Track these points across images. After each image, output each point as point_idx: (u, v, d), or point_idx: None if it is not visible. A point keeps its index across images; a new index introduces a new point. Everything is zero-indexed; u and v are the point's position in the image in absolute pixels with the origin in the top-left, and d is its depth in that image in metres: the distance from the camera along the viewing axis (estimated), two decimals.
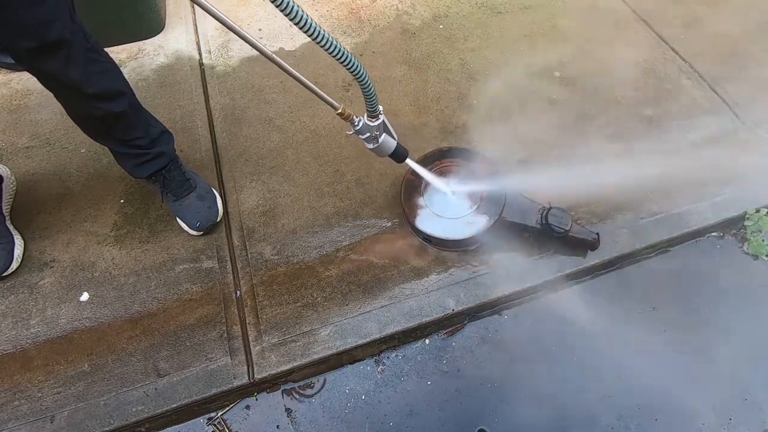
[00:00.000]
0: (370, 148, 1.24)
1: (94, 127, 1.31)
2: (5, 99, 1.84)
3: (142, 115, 1.36)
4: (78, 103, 1.21)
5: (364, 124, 1.17)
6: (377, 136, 1.21)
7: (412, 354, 1.39)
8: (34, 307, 1.37)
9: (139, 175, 1.43)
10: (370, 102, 1.10)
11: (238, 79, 1.92)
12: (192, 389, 1.25)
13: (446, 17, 2.18)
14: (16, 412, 1.21)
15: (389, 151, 1.28)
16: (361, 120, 1.16)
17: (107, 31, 1.94)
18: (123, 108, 1.25)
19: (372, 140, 1.21)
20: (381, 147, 1.23)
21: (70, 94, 1.18)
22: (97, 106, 1.20)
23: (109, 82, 1.21)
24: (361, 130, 1.18)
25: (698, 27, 2.14)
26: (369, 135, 1.20)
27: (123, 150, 1.37)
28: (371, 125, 1.17)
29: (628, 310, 1.47)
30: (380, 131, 1.20)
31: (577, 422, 1.30)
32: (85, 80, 1.13)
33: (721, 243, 1.60)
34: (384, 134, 1.22)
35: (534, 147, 1.71)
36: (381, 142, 1.22)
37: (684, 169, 1.66)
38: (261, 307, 1.37)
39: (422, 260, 1.46)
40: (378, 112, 1.15)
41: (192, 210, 1.46)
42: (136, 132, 1.34)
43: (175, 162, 1.48)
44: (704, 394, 1.35)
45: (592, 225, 1.51)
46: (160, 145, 1.41)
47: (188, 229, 1.48)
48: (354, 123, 1.16)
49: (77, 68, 1.10)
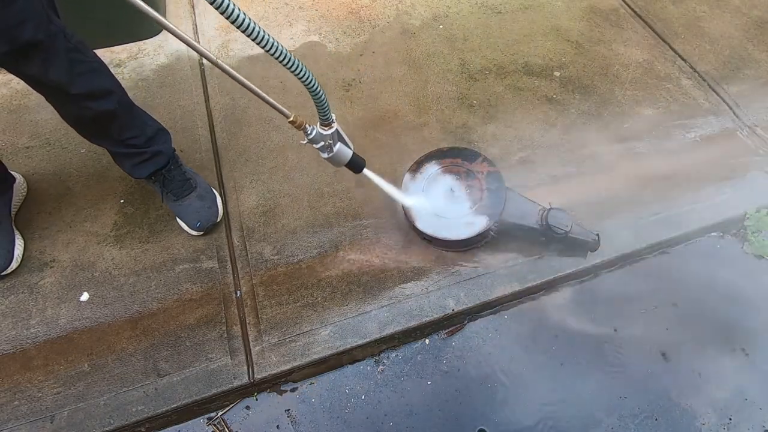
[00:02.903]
0: (325, 157, 1.20)
1: (88, 128, 1.31)
2: (5, 99, 1.84)
3: (136, 113, 1.36)
4: (66, 103, 1.20)
5: (318, 133, 1.13)
6: (331, 146, 1.17)
7: (412, 354, 1.39)
8: (34, 307, 1.37)
9: (139, 175, 1.43)
10: (323, 110, 1.07)
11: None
12: (192, 389, 1.25)
13: (446, 17, 2.18)
14: (16, 412, 1.21)
15: (345, 161, 1.24)
16: (315, 129, 1.13)
17: (107, 31, 1.95)
18: (112, 107, 1.24)
19: (326, 149, 1.18)
20: (336, 156, 1.20)
21: (55, 95, 1.18)
22: (85, 105, 1.19)
23: (95, 81, 1.20)
24: (315, 139, 1.14)
25: (698, 27, 2.14)
26: (323, 144, 1.16)
27: (120, 150, 1.37)
28: (324, 134, 1.14)
29: (629, 310, 1.47)
30: (334, 140, 1.17)
31: (577, 422, 1.30)
32: (69, 81, 1.12)
33: (721, 243, 1.60)
34: (339, 143, 1.19)
35: (534, 147, 1.71)
36: (336, 151, 1.19)
37: (684, 169, 1.66)
38: (261, 307, 1.37)
39: (422, 260, 1.46)
40: (331, 120, 1.12)
41: (192, 210, 1.46)
42: (131, 131, 1.33)
43: (176, 162, 1.48)
44: (704, 394, 1.35)
45: (592, 225, 1.50)
46: (156, 144, 1.40)
47: (188, 229, 1.48)
48: (307, 132, 1.13)
49: (58, 69, 1.09)
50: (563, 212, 1.39)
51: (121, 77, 1.91)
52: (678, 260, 1.56)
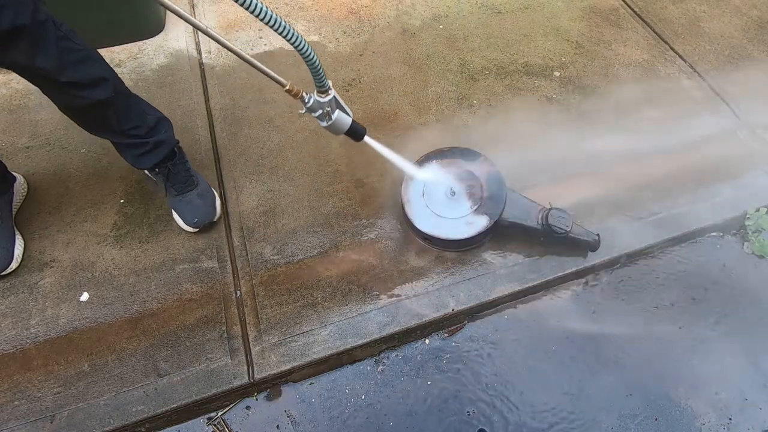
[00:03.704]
0: (325, 126, 1.19)
1: (86, 119, 1.31)
2: (5, 99, 1.84)
3: (134, 102, 1.36)
4: (57, 92, 1.20)
5: (315, 101, 1.12)
6: (330, 113, 1.16)
7: (412, 354, 1.39)
8: (34, 307, 1.37)
9: (143, 166, 1.43)
10: (318, 76, 1.06)
11: (238, 79, 1.91)
12: (192, 389, 1.25)
13: (446, 17, 2.18)
14: (16, 412, 1.21)
15: (345, 129, 1.23)
16: (312, 97, 1.12)
17: (107, 31, 1.95)
18: (108, 95, 1.23)
19: (325, 117, 1.17)
20: (335, 124, 1.19)
21: (47, 84, 1.17)
22: (79, 94, 1.19)
23: (87, 69, 1.19)
24: (313, 107, 1.13)
25: (698, 27, 2.14)
26: (321, 112, 1.15)
27: (122, 141, 1.37)
28: (322, 101, 1.13)
29: (629, 310, 1.47)
30: (332, 108, 1.16)
31: (578, 422, 1.30)
32: (57, 69, 1.11)
33: (722, 243, 1.60)
34: (337, 111, 1.17)
35: (534, 147, 1.70)
36: (335, 119, 1.17)
37: (684, 168, 1.66)
38: (261, 307, 1.37)
39: (422, 260, 1.46)
40: (327, 87, 1.11)
41: (192, 207, 1.46)
42: (132, 121, 1.33)
43: (182, 156, 1.49)
44: (704, 394, 1.35)
45: (592, 225, 1.50)
46: (158, 134, 1.40)
47: (184, 225, 1.48)
48: (305, 100, 1.12)
49: (46, 57, 1.08)
50: (563, 212, 1.39)
51: (121, 77, 1.89)
52: (678, 260, 1.56)
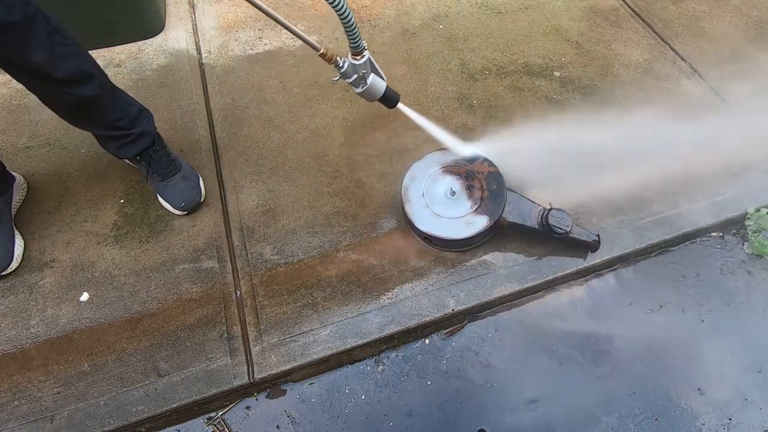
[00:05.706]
0: (359, 92, 1.13)
1: (73, 115, 1.32)
2: (5, 99, 1.84)
3: (118, 95, 1.36)
4: (48, 90, 1.20)
5: (350, 65, 1.07)
6: (365, 77, 1.10)
7: (412, 354, 1.39)
8: (34, 307, 1.37)
9: (124, 155, 1.45)
10: (353, 37, 1.01)
11: (238, 79, 1.91)
12: (192, 389, 1.25)
13: (446, 17, 2.18)
14: (16, 412, 1.21)
15: (379, 94, 1.17)
16: (346, 61, 1.07)
17: (107, 31, 1.95)
18: (95, 92, 1.24)
19: (360, 82, 1.11)
20: (370, 89, 1.13)
21: (38, 80, 1.17)
22: (68, 91, 1.19)
23: (77, 64, 1.19)
24: (347, 72, 1.08)
25: (698, 27, 2.14)
26: (356, 77, 1.09)
27: (105, 133, 1.38)
28: (357, 64, 1.07)
29: (629, 311, 1.47)
30: (367, 71, 1.10)
31: (578, 422, 1.30)
32: (52, 64, 1.11)
33: (722, 243, 1.60)
34: (372, 74, 1.11)
35: (534, 147, 1.70)
36: (369, 83, 1.12)
37: (684, 168, 1.66)
38: (261, 307, 1.37)
39: (422, 260, 1.46)
40: (362, 48, 1.05)
41: (177, 190, 1.48)
42: (115, 114, 1.34)
43: (161, 142, 1.50)
44: (704, 394, 1.35)
45: (592, 225, 1.50)
46: (140, 125, 1.42)
47: (172, 209, 1.50)
48: (339, 65, 1.07)
49: (39, 51, 1.08)
50: (563, 212, 1.39)
51: (121, 77, 1.91)
52: (678, 260, 1.56)
